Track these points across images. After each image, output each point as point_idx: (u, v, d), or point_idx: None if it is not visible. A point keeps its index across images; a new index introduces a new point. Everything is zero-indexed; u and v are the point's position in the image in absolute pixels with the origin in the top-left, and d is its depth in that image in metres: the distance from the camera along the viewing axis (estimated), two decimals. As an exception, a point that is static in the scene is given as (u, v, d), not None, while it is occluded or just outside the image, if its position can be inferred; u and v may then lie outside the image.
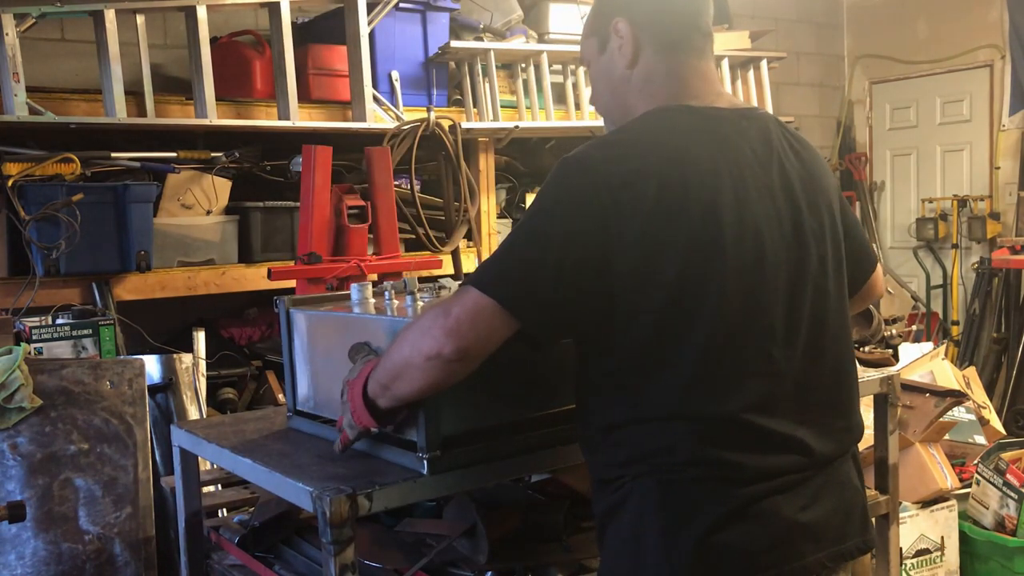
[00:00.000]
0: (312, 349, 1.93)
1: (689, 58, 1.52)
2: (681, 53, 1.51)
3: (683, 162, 1.37)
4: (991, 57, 5.82)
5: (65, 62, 3.61)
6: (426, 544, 1.85)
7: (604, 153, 1.39)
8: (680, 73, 1.51)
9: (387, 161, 3.21)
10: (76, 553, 2.60)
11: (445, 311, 1.35)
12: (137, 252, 3.12)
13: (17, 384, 2.59)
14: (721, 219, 1.36)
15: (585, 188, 1.35)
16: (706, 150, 1.40)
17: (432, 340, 1.35)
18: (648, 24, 1.52)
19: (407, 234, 3.60)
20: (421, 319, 1.40)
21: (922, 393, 3.20)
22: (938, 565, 3.19)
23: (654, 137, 1.41)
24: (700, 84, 1.52)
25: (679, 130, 1.43)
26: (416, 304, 1.80)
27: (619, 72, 1.54)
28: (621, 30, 1.52)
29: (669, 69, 1.51)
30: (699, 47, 1.53)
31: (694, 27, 1.53)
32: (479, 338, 1.34)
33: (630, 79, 1.53)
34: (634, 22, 1.51)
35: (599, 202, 1.34)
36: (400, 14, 3.84)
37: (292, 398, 1.97)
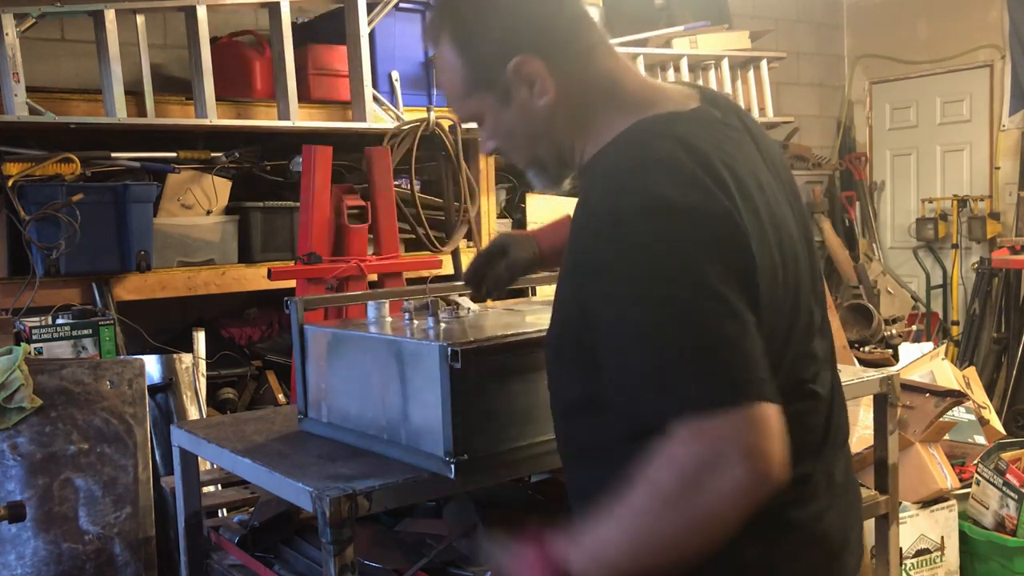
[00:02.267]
0: (326, 364, 1.92)
1: (603, 58, 1.33)
2: (592, 57, 1.32)
3: (739, 178, 1.20)
4: (991, 57, 5.82)
5: (65, 62, 3.61)
6: (426, 544, 1.85)
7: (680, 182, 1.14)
8: (608, 78, 1.32)
9: (387, 161, 3.21)
10: (76, 553, 2.60)
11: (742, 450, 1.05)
12: (137, 252, 3.12)
13: (17, 384, 2.59)
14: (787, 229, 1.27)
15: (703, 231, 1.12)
16: (740, 158, 1.24)
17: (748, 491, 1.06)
18: (548, 47, 1.29)
19: (407, 234, 3.60)
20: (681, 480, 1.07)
21: (922, 393, 3.20)
22: (938, 565, 3.19)
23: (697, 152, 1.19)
24: (634, 80, 1.34)
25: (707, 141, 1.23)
26: (439, 326, 1.79)
27: (541, 114, 1.31)
28: (531, 70, 1.29)
29: (595, 80, 1.31)
30: (602, 41, 1.34)
31: (588, 24, 1.34)
32: (783, 442, 1.08)
33: (556, 114, 1.31)
34: (541, 53, 1.29)
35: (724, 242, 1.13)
36: (400, 14, 3.84)
37: (304, 403, 1.97)
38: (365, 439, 1.80)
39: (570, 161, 1.37)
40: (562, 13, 1.31)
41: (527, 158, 1.41)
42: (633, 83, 1.33)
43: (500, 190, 4.20)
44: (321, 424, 1.93)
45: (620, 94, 1.31)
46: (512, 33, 1.30)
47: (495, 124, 1.37)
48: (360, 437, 1.81)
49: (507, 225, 4.22)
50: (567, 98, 1.31)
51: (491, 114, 1.36)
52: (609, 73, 1.32)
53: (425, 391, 1.63)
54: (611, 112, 1.30)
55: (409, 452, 1.68)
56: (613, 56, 1.34)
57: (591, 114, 1.32)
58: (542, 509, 2.02)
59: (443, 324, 1.81)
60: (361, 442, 1.80)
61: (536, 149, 1.37)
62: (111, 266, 3.12)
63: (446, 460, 1.59)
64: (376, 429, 1.77)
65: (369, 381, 1.79)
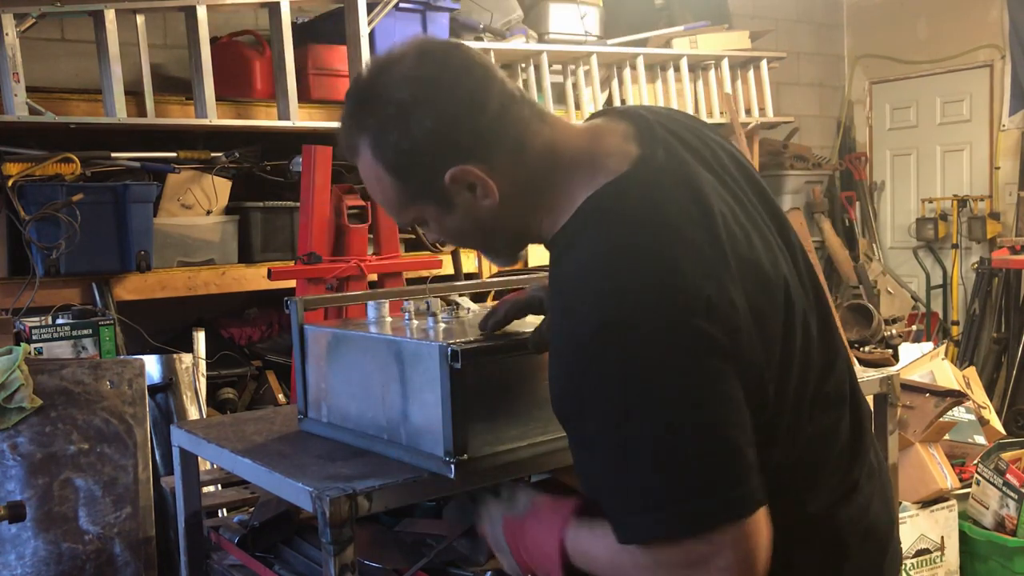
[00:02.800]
0: (326, 364, 1.92)
1: (538, 135, 1.25)
2: (529, 139, 1.25)
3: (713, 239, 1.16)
4: (991, 57, 5.82)
5: (65, 62, 3.61)
6: (426, 544, 1.85)
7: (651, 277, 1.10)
8: (549, 155, 1.25)
9: (387, 161, 3.20)
10: (76, 553, 2.60)
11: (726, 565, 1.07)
12: (137, 252, 3.12)
13: (17, 384, 2.59)
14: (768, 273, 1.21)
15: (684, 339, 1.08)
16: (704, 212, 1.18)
17: None
18: (484, 147, 1.22)
19: (407, 234, 3.60)
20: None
21: (922, 393, 3.20)
22: (938, 565, 3.19)
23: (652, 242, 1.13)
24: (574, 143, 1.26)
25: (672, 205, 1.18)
26: (438, 326, 1.80)
27: (488, 212, 1.26)
28: (466, 178, 1.23)
29: (536, 162, 1.25)
30: (533, 114, 1.26)
31: (515, 105, 1.25)
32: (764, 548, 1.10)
33: (504, 208, 1.25)
34: (471, 158, 1.22)
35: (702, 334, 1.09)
36: (400, 14, 3.84)
37: (304, 403, 1.97)
38: (365, 439, 1.80)
39: (528, 240, 1.34)
40: (486, 111, 1.22)
41: (480, 247, 1.40)
42: (577, 144, 1.26)
43: (500, 190, 4.20)
44: (321, 424, 1.93)
45: (568, 163, 1.25)
46: (441, 145, 1.22)
47: (440, 228, 1.32)
48: (360, 437, 1.81)
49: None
50: (512, 189, 1.25)
51: (434, 220, 1.30)
52: (550, 146, 1.25)
53: (425, 391, 1.63)
54: (564, 183, 1.24)
55: (409, 452, 1.68)
56: (548, 124, 1.27)
57: (541, 194, 1.26)
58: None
59: (443, 324, 1.81)
60: (361, 442, 1.80)
61: (491, 241, 1.35)
62: (111, 266, 3.12)
63: (446, 460, 1.59)
64: (376, 429, 1.77)
65: (369, 381, 1.79)
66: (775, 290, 1.22)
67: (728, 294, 1.12)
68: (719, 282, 1.12)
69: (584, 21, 4.49)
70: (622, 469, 1.09)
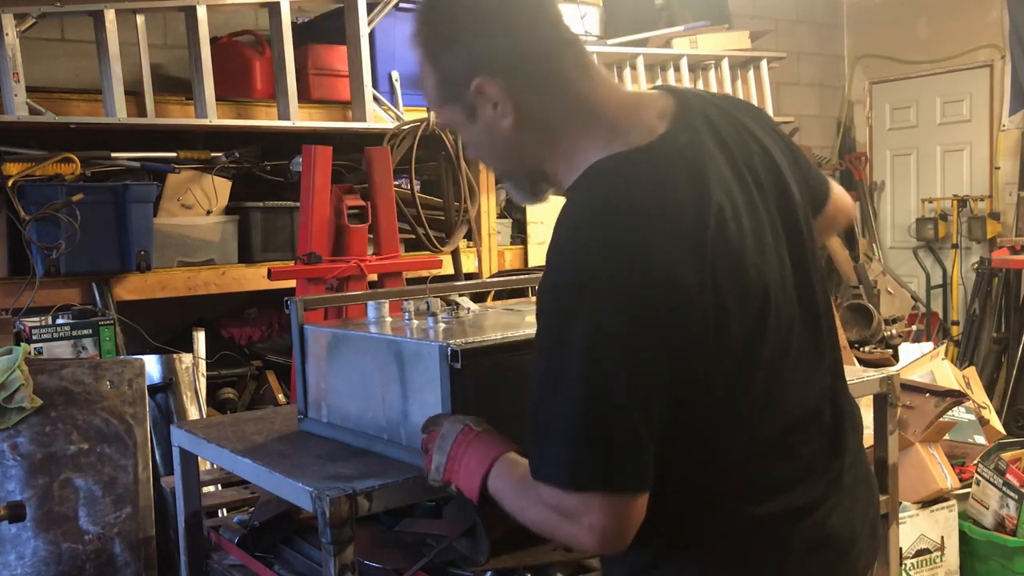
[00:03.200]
0: (326, 364, 1.92)
1: (576, 82, 1.29)
2: (563, 82, 1.29)
3: (698, 223, 1.19)
4: (991, 57, 5.82)
5: (65, 62, 3.61)
6: (426, 544, 1.85)
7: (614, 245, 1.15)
8: (579, 103, 1.29)
9: (387, 161, 3.21)
10: (76, 553, 2.60)
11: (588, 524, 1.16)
12: (137, 252, 3.12)
13: (17, 384, 2.59)
14: (752, 263, 1.24)
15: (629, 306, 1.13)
16: (701, 197, 1.21)
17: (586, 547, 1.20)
18: (512, 70, 1.28)
19: (407, 234, 3.60)
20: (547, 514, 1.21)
21: (922, 393, 3.20)
22: (938, 565, 3.19)
23: (649, 207, 1.18)
24: (610, 105, 1.30)
25: (665, 188, 1.20)
26: (439, 326, 1.80)
27: (506, 134, 1.31)
28: (490, 92, 1.28)
29: (564, 105, 1.29)
30: (577, 64, 1.30)
31: (558, 45, 1.30)
32: (635, 525, 1.19)
33: (523, 136, 1.31)
34: (497, 76, 1.28)
35: (652, 319, 1.13)
36: (400, 14, 3.84)
37: (304, 403, 1.97)
38: (365, 439, 1.80)
39: (543, 180, 1.37)
40: (526, 37, 1.28)
41: (499, 171, 1.45)
42: (609, 105, 1.30)
43: (500, 190, 4.20)
44: (321, 424, 1.93)
45: (592, 119, 1.29)
46: (476, 55, 1.29)
47: (466, 136, 1.39)
48: (360, 437, 1.81)
49: (507, 225, 4.22)
50: (533, 122, 1.30)
51: (462, 127, 1.37)
52: (581, 97, 1.29)
53: (425, 391, 1.64)
54: (581, 138, 1.29)
55: (409, 452, 1.68)
56: (589, 77, 1.31)
57: (561, 138, 1.30)
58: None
59: (443, 324, 1.81)
60: (361, 442, 1.81)
61: (505, 164, 1.40)
62: (111, 266, 3.12)
63: None
64: (376, 429, 1.78)
65: (369, 381, 1.79)
66: (751, 293, 1.24)
67: (692, 282, 1.16)
68: (686, 268, 1.16)
69: (584, 21, 4.49)
70: (544, 407, 1.18)
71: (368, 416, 1.80)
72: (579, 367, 1.14)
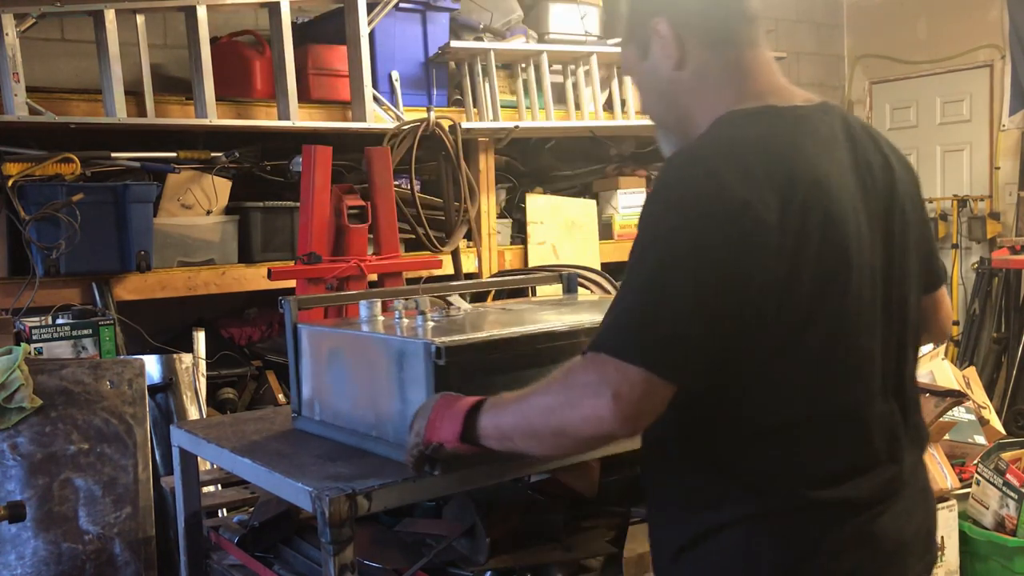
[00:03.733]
0: (319, 361, 1.94)
1: (742, 50, 1.41)
2: (732, 45, 1.41)
3: (803, 176, 1.27)
4: (991, 57, 5.82)
5: (65, 62, 3.61)
6: (426, 544, 1.85)
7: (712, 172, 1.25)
8: (737, 67, 1.41)
9: (387, 161, 3.21)
10: (76, 553, 2.60)
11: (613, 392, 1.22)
12: (137, 252, 3.12)
13: (17, 384, 2.59)
14: (845, 232, 1.29)
15: (705, 220, 1.23)
16: (810, 157, 1.31)
17: (600, 422, 1.23)
18: (689, 19, 1.42)
19: (407, 234, 3.60)
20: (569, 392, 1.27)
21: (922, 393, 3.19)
22: (938, 565, 3.19)
23: (759, 148, 1.29)
24: (763, 77, 1.42)
25: (779, 137, 1.32)
26: (428, 324, 1.81)
27: (666, 76, 1.44)
28: (662, 31, 1.42)
29: (723, 64, 1.41)
30: (749, 37, 1.42)
31: (739, 15, 1.42)
32: (653, 413, 1.25)
33: (680, 81, 1.43)
34: (674, 20, 1.41)
35: (723, 235, 1.22)
36: (400, 14, 3.84)
37: (297, 401, 1.99)
38: (356, 436, 1.82)
39: (687, 132, 1.44)
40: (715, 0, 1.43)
41: (656, 117, 1.54)
42: (760, 79, 1.41)
43: (500, 190, 4.21)
44: (314, 422, 1.94)
45: (743, 84, 1.40)
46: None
47: (636, 77, 1.51)
48: (351, 434, 1.83)
49: (507, 225, 4.22)
50: (691, 69, 1.42)
51: (634, 68, 1.50)
52: (741, 62, 1.41)
53: (411, 388, 1.66)
54: (729, 97, 1.40)
55: (396, 448, 1.70)
56: (753, 51, 1.42)
57: (711, 92, 1.41)
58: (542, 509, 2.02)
59: (431, 323, 1.84)
60: (352, 439, 1.83)
61: (660, 108, 1.50)
62: (111, 266, 3.12)
63: None
64: (365, 426, 1.80)
65: (359, 379, 1.81)
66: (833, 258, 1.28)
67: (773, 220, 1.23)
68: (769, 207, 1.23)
69: (584, 21, 4.49)
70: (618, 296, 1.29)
71: (358, 413, 1.82)
72: (652, 261, 1.25)
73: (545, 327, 1.77)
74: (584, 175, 4.66)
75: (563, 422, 1.27)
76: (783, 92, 1.42)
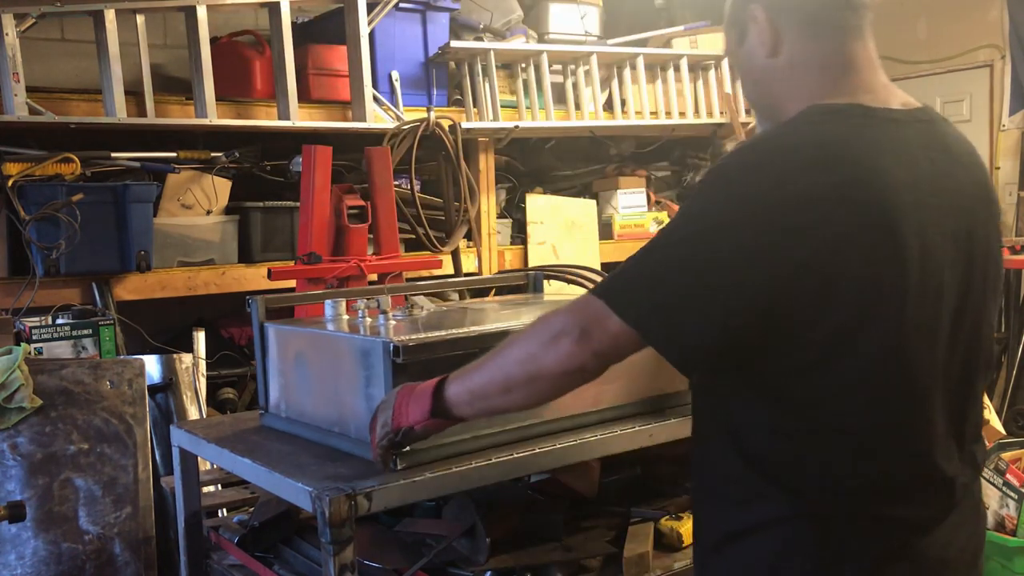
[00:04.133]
0: (285, 359, 1.99)
1: (843, 40, 1.35)
2: (830, 35, 1.36)
3: (866, 182, 1.22)
4: (991, 57, 5.81)
5: (65, 62, 3.61)
6: (426, 544, 1.85)
7: (770, 164, 1.23)
8: (834, 58, 1.36)
9: (387, 161, 3.21)
10: (76, 553, 2.60)
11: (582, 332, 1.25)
12: (137, 252, 3.12)
13: (17, 384, 2.59)
14: (904, 243, 1.23)
15: (753, 208, 1.20)
16: (885, 164, 1.25)
17: (572, 358, 1.27)
18: (786, 5, 1.37)
19: (407, 234, 3.60)
20: (542, 332, 1.30)
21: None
22: (938, 565, 3.19)
23: (827, 147, 1.24)
24: (863, 73, 1.36)
25: (857, 140, 1.26)
26: (389, 323, 1.86)
27: (760, 63, 1.41)
28: (757, 17, 1.38)
29: (819, 54, 1.36)
30: (853, 25, 1.36)
31: (841, 1, 1.36)
32: (620, 356, 1.28)
33: (773, 68, 1.39)
34: (770, 6, 1.37)
35: (769, 225, 1.19)
36: (400, 14, 3.84)
37: (265, 398, 2.03)
38: (320, 433, 1.85)
39: (778, 119, 1.40)
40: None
41: (751, 101, 1.52)
42: (863, 73, 1.36)
43: (500, 190, 4.21)
44: (281, 419, 1.98)
45: (843, 76, 1.35)
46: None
47: (734, 62, 1.49)
48: (315, 431, 1.87)
49: (507, 225, 4.22)
50: (786, 57, 1.38)
51: (733, 52, 1.48)
52: (843, 53, 1.36)
53: (371, 385, 1.69)
54: (827, 87, 1.35)
55: (358, 444, 1.73)
56: (858, 43, 1.36)
57: (802, 84, 1.37)
58: (542, 509, 2.02)
59: (393, 321, 1.87)
60: (316, 436, 1.86)
61: (755, 94, 1.48)
62: (111, 266, 3.12)
63: None
64: (328, 423, 1.83)
65: (322, 376, 1.85)
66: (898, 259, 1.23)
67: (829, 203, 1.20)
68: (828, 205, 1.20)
69: (584, 21, 4.49)
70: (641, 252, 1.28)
71: (321, 410, 1.85)
72: (683, 235, 1.24)
73: (502, 325, 1.79)
74: (584, 175, 4.66)
75: (538, 365, 1.29)
76: (880, 91, 1.36)
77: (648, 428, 1.89)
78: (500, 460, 1.69)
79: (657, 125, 4.48)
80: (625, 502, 2.10)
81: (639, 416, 1.94)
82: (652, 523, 1.99)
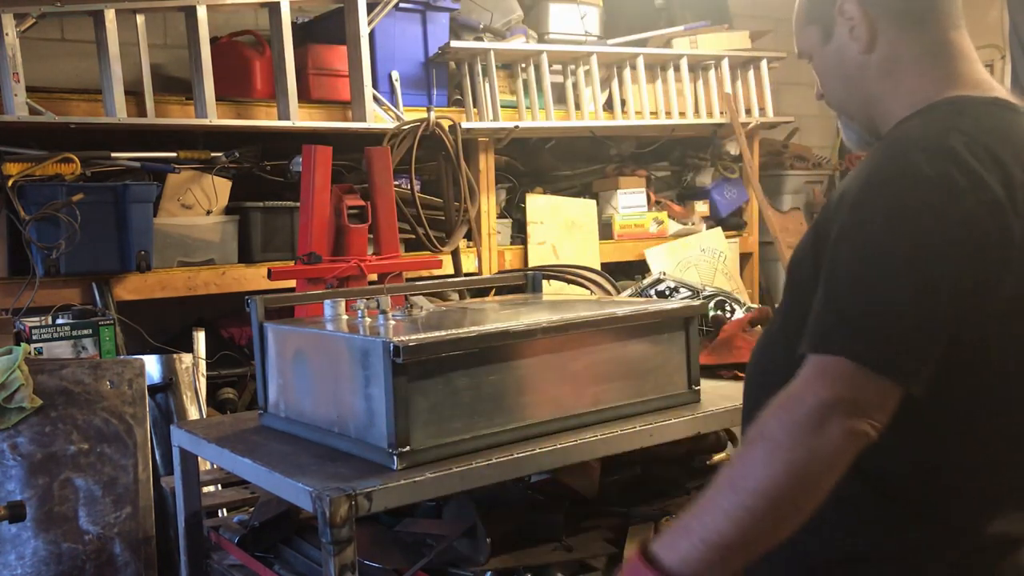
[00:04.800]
0: (284, 359, 1.99)
1: (945, 31, 1.30)
2: (930, 26, 1.30)
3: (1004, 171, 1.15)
4: (991, 57, 5.82)
5: (65, 62, 3.61)
6: (426, 544, 1.85)
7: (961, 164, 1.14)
8: (942, 50, 1.30)
9: (387, 161, 3.21)
10: (76, 553, 2.60)
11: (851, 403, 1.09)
12: (137, 252, 3.12)
13: (17, 384, 2.59)
14: None
15: (953, 217, 1.11)
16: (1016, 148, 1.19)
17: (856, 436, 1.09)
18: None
19: (407, 234, 3.60)
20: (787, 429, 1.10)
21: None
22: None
23: (1003, 141, 1.18)
24: (970, 63, 1.30)
25: (1018, 133, 1.21)
26: (388, 323, 1.86)
27: (853, 60, 1.34)
28: (850, 11, 1.31)
29: (923, 46, 1.30)
30: (951, 14, 1.30)
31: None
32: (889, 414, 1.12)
33: (869, 65, 1.33)
34: (869, 2, 1.31)
35: (973, 233, 1.12)
36: (400, 14, 3.84)
37: (264, 398, 2.03)
38: (318, 432, 1.85)
39: (874, 119, 1.36)
40: None
41: (837, 103, 1.44)
42: (966, 63, 1.30)
43: (500, 190, 4.21)
44: (280, 419, 1.98)
45: (950, 66, 1.29)
46: None
47: (817, 62, 1.42)
48: (314, 431, 1.87)
49: (507, 225, 4.22)
50: (884, 51, 1.32)
51: (816, 52, 1.41)
52: (946, 43, 1.30)
53: (371, 385, 1.69)
54: (935, 80, 1.29)
55: (357, 444, 1.73)
56: (957, 32, 1.31)
57: (908, 75, 1.31)
58: (542, 509, 2.02)
59: (392, 321, 1.88)
60: (315, 436, 1.87)
61: (844, 94, 1.40)
62: (111, 266, 3.12)
63: (389, 452, 1.63)
64: (328, 423, 1.83)
65: (322, 376, 1.86)
66: None
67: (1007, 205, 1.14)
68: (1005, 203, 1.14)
69: (584, 21, 4.49)
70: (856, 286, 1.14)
71: (321, 410, 1.85)
72: (898, 258, 1.12)
73: (501, 326, 1.80)
74: (584, 175, 4.66)
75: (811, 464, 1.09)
76: (986, 83, 1.30)
77: (648, 428, 1.89)
78: (500, 460, 1.69)
79: (657, 125, 4.48)
80: (625, 502, 2.10)
81: (639, 416, 1.94)
82: (652, 523, 1.99)
